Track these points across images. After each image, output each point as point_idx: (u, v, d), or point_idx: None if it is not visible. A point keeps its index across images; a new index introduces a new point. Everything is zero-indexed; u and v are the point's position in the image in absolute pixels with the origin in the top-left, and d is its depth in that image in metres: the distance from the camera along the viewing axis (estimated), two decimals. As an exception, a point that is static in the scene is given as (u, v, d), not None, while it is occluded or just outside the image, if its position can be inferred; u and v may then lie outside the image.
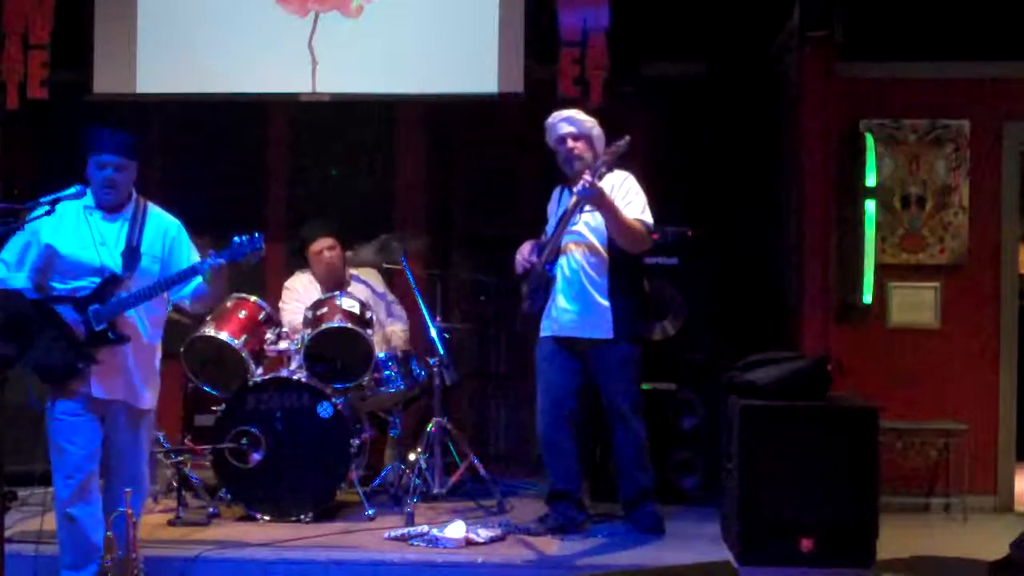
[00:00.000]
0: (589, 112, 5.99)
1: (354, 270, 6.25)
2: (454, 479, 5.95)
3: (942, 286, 6.67)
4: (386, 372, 5.81)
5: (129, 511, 4.06)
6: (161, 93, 6.51)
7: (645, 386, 5.47)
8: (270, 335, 5.66)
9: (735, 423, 5.02)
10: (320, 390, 5.49)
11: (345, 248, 6.19)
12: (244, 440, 5.39)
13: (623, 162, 5.17)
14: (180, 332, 5.65)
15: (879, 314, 6.62)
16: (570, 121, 5.30)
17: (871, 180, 6.36)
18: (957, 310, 6.66)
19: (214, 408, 5.59)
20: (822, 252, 5.94)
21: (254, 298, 5.76)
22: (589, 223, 5.23)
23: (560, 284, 5.27)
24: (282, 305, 6.10)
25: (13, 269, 4.40)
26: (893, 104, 6.68)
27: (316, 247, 6.14)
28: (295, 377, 5.53)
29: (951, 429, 6.51)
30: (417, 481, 5.67)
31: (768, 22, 6.36)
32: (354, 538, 5.16)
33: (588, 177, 4.97)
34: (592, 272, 5.22)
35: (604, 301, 5.20)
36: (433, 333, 5.81)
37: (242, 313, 5.66)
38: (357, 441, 5.65)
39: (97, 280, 4.38)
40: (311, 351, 5.53)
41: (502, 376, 7.17)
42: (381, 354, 5.78)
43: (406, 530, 5.18)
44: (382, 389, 5.81)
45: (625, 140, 5.01)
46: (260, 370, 5.62)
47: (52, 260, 4.39)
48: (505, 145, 7.04)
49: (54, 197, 4.26)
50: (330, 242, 6.13)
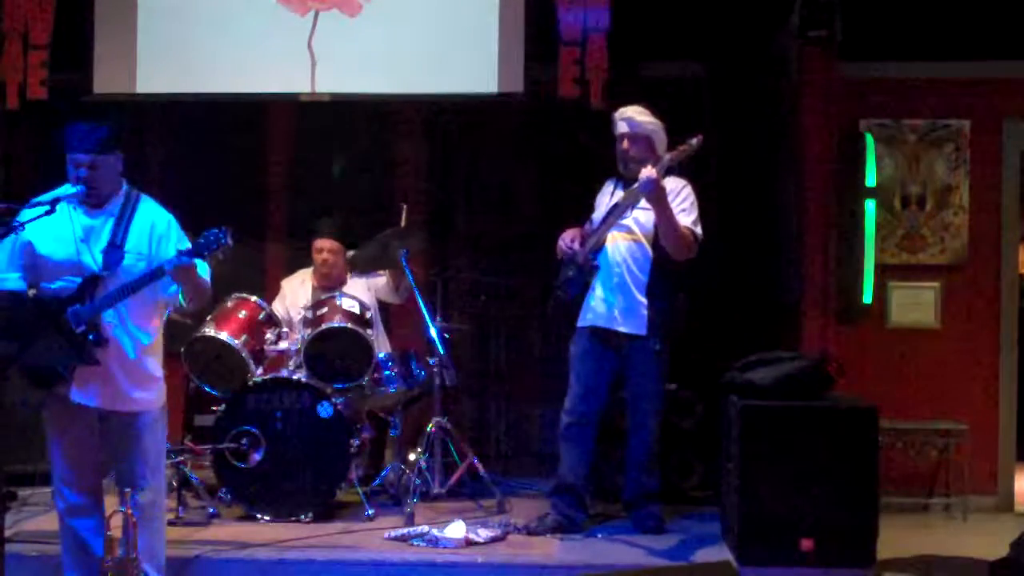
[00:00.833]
0: (589, 112, 6.01)
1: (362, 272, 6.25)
2: (454, 479, 5.95)
3: (942, 286, 6.68)
4: (386, 372, 5.81)
5: (129, 511, 4.04)
6: (161, 93, 6.50)
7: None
8: (270, 335, 5.66)
9: (735, 423, 5.02)
10: (320, 390, 5.49)
11: (345, 248, 6.19)
12: (244, 440, 5.39)
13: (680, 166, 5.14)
14: (180, 332, 5.65)
15: (879, 314, 6.62)
16: (629, 122, 5.30)
17: (871, 180, 6.36)
18: (957, 310, 6.67)
19: (214, 408, 5.59)
20: (822, 252, 5.94)
21: (254, 298, 5.76)
22: (639, 219, 5.25)
23: (602, 275, 5.28)
24: (274, 305, 6.10)
25: (4, 270, 4.27)
26: (893, 104, 6.69)
27: (317, 245, 6.17)
28: (295, 377, 5.53)
29: (951, 429, 6.51)
30: (417, 481, 5.66)
31: (768, 22, 6.35)
32: (354, 538, 5.16)
33: (652, 174, 4.96)
34: (635, 268, 5.24)
35: (642, 297, 5.22)
36: (433, 333, 5.81)
37: (242, 313, 5.66)
38: (357, 441, 5.65)
39: (78, 280, 4.21)
40: (311, 351, 5.53)
41: (502, 376, 7.16)
42: (381, 354, 5.79)
43: (406, 530, 5.18)
44: (382, 389, 5.81)
45: (697, 139, 4.97)
46: (260, 370, 5.62)
47: (34, 259, 4.24)
48: (505, 145, 7.04)
49: (54, 197, 4.21)
50: (330, 244, 6.14)
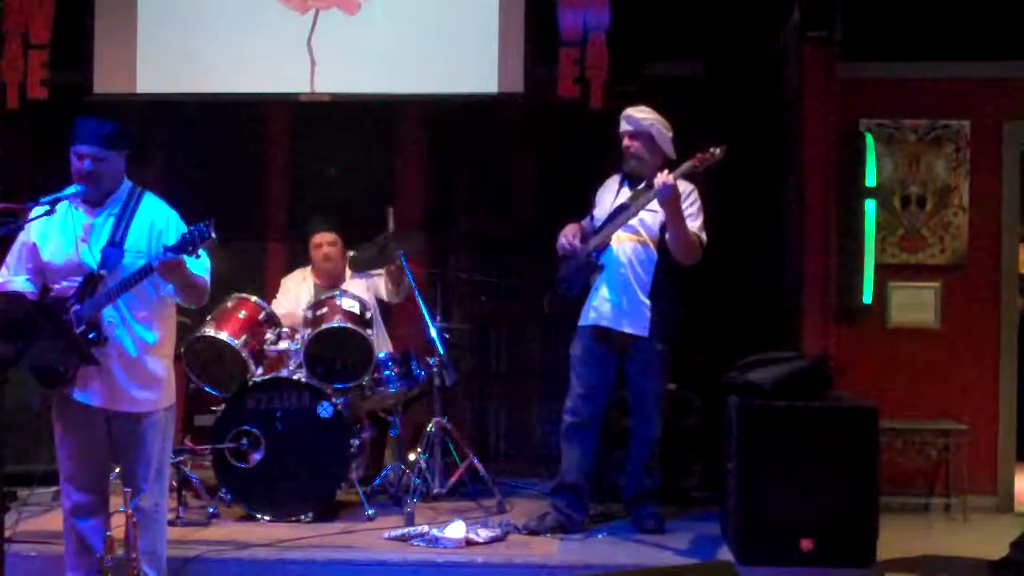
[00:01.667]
0: (590, 112, 6.01)
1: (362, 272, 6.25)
2: (454, 479, 5.96)
3: (942, 286, 6.68)
4: (386, 372, 5.81)
5: (130, 511, 4.04)
6: (161, 93, 6.50)
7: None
8: (270, 335, 5.65)
9: (735, 423, 5.03)
10: (320, 390, 5.49)
11: (345, 247, 6.19)
12: (244, 440, 5.39)
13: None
14: (180, 332, 5.64)
15: (879, 314, 6.63)
16: (628, 120, 5.31)
17: (871, 180, 6.36)
18: (957, 310, 6.67)
19: (214, 408, 5.59)
20: (822, 252, 5.94)
21: (254, 298, 5.75)
22: (645, 221, 5.24)
23: (606, 275, 5.27)
24: (274, 303, 6.10)
25: (11, 272, 4.31)
26: (893, 104, 6.69)
27: (316, 240, 6.18)
28: (295, 377, 5.53)
29: (951, 429, 6.51)
30: (417, 481, 5.67)
31: (768, 22, 6.35)
32: (354, 538, 5.16)
33: (670, 180, 4.94)
34: (639, 269, 5.24)
35: (645, 299, 5.22)
36: (433, 333, 5.81)
37: (242, 313, 5.65)
38: (357, 441, 5.65)
39: (79, 279, 4.21)
40: (311, 351, 5.53)
41: (502, 376, 7.17)
42: (381, 354, 5.79)
43: (406, 530, 5.18)
44: (382, 389, 5.81)
45: (721, 149, 4.91)
46: (260, 370, 5.62)
47: (39, 262, 4.26)
48: (505, 145, 7.04)
49: (54, 197, 4.21)
50: (331, 237, 6.16)
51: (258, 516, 5.40)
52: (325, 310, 5.66)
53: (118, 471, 4.45)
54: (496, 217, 7.08)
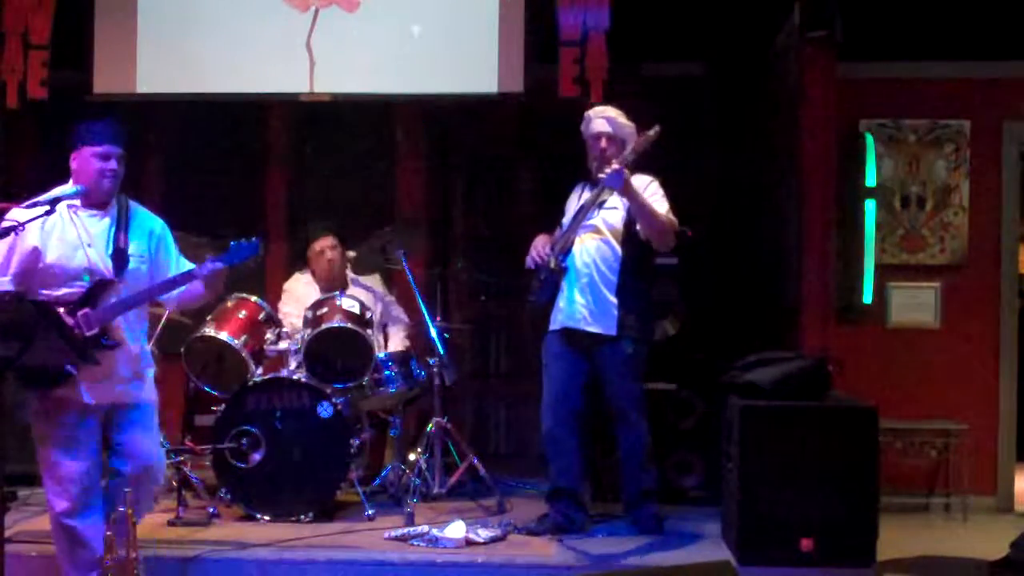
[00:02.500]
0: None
1: (353, 275, 6.25)
2: (454, 479, 5.96)
3: (942, 286, 6.68)
4: (386, 372, 5.81)
5: (130, 511, 4.05)
6: (161, 93, 6.49)
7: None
8: (270, 335, 5.65)
9: (735, 423, 5.02)
10: (320, 390, 5.49)
11: (346, 249, 6.19)
12: (244, 440, 5.39)
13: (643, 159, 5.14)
14: (180, 332, 5.65)
15: (879, 314, 6.63)
16: (610, 121, 5.27)
17: (871, 180, 6.36)
18: (957, 310, 6.67)
19: (214, 408, 5.58)
20: (822, 252, 5.94)
21: (254, 298, 5.75)
22: (607, 219, 5.23)
23: (571, 276, 5.25)
24: (280, 307, 6.10)
25: (1, 273, 4.27)
26: (893, 104, 6.69)
27: (318, 246, 6.17)
28: (295, 377, 5.53)
29: (951, 429, 6.51)
30: (417, 481, 5.67)
31: (768, 22, 6.35)
32: (354, 538, 5.16)
33: (617, 165, 4.94)
34: (604, 268, 5.21)
35: (612, 297, 5.19)
36: (433, 333, 5.81)
37: (242, 313, 5.66)
38: (357, 441, 5.65)
39: (85, 283, 4.24)
40: (311, 351, 5.53)
41: (502, 376, 7.17)
42: (381, 354, 5.79)
43: (406, 530, 5.18)
44: (382, 389, 5.81)
45: (655, 130, 4.94)
46: (260, 370, 5.62)
47: (38, 264, 4.24)
48: (505, 145, 7.04)
49: (53, 197, 4.22)
50: (331, 242, 6.16)
51: (258, 516, 5.40)
52: (325, 310, 5.66)
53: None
54: (496, 217, 7.08)
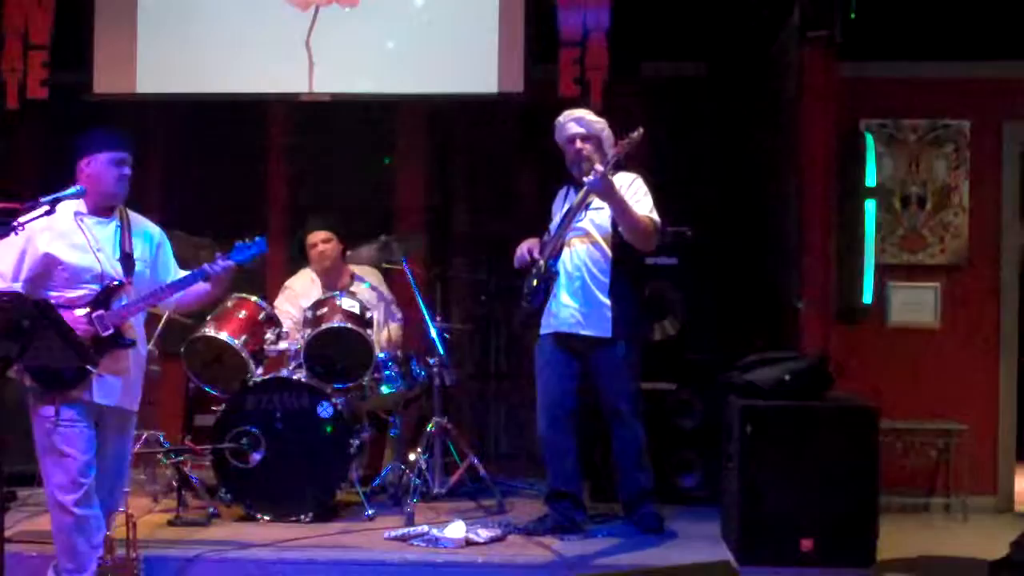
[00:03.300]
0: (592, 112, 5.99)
1: (354, 268, 6.26)
2: (454, 479, 5.95)
3: (942, 286, 6.68)
4: (386, 372, 5.81)
5: (130, 511, 4.06)
6: (161, 93, 6.50)
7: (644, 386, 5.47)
8: (270, 335, 5.65)
9: (735, 423, 5.02)
10: (320, 390, 5.49)
11: (345, 245, 6.18)
12: (244, 440, 5.39)
13: (627, 160, 5.15)
14: (180, 332, 5.66)
15: (879, 314, 6.63)
16: (580, 122, 5.28)
17: (871, 180, 6.36)
18: (957, 310, 6.67)
19: (214, 408, 5.58)
20: (822, 252, 5.94)
21: (254, 298, 5.75)
22: (594, 220, 5.22)
23: (562, 280, 5.25)
24: (278, 303, 6.10)
25: (9, 279, 4.31)
26: (893, 104, 6.69)
27: (311, 239, 6.16)
28: (295, 377, 5.53)
29: (951, 429, 6.52)
30: (417, 481, 5.66)
31: (768, 22, 6.35)
32: (354, 538, 5.16)
33: (599, 167, 4.95)
34: (595, 270, 5.21)
35: (605, 299, 5.18)
36: (433, 333, 5.81)
37: (242, 313, 5.66)
38: (357, 441, 5.65)
39: (97, 286, 4.33)
40: (311, 351, 5.53)
41: (502, 376, 7.17)
42: (381, 354, 5.78)
43: (406, 530, 5.18)
44: (382, 389, 5.81)
45: (638, 132, 4.93)
46: (260, 370, 5.62)
47: (51, 269, 4.31)
48: (505, 145, 7.04)
49: (54, 197, 4.23)
50: (325, 235, 6.14)
51: (258, 516, 5.40)
52: (325, 310, 5.66)
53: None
54: (496, 217, 7.08)
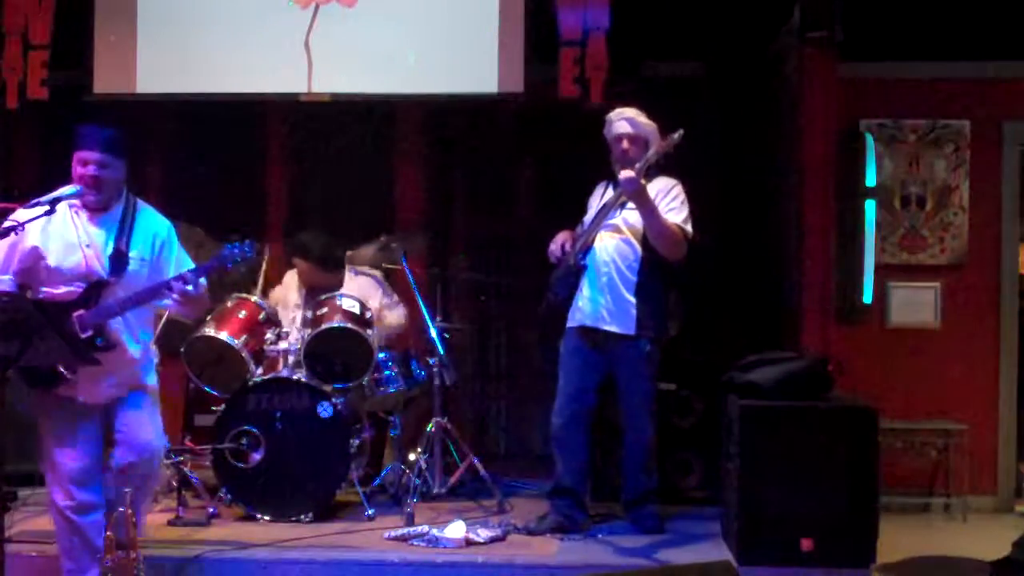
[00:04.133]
0: (588, 112, 6.00)
1: (355, 268, 6.25)
2: (454, 479, 5.95)
3: (942, 286, 6.68)
4: (386, 372, 5.81)
5: (130, 511, 4.05)
6: (161, 93, 6.50)
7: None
8: (270, 335, 5.65)
9: (735, 423, 5.02)
10: (320, 390, 5.49)
11: (330, 273, 6.10)
12: (244, 440, 5.39)
13: (666, 160, 5.15)
14: (180, 332, 5.65)
15: (879, 314, 6.62)
16: (630, 122, 5.28)
17: (871, 180, 6.36)
18: (957, 310, 6.67)
19: (214, 408, 5.58)
20: (822, 252, 5.94)
21: (254, 298, 5.76)
22: (628, 219, 5.23)
23: (590, 274, 5.26)
24: (271, 293, 6.11)
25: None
26: (893, 104, 6.69)
27: (294, 262, 6.14)
28: (295, 377, 5.53)
29: (951, 429, 6.51)
30: (417, 481, 5.67)
31: (768, 22, 6.35)
32: (354, 538, 5.16)
33: (631, 172, 4.96)
34: (623, 266, 5.22)
35: (631, 297, 5.20)
36: (433, 333, 5.81)
37: (242, 313, 5.66)
38: (357, 441, 5.65)
39: (83, 285, 4.27)
40: (311, 351, 5.53)
41: (502, 376, 7.17)
42: (381, 354, 5.78)
43: (406, 530, 5.18)
44: (382, 389, 5.82)
45: (678, 134, 4.95)
46: (260, 370, 5.62)
47: (37, 263, 4.27)
48: (505, 145, 7.04)
49: (54, 197, 4.23)
50: (303, 267, 6.07)
51: (258, 516, 5.40)
52: (325, 310, 5.66)
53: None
54: (496, 217, 7.08)
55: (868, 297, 6.34)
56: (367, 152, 7.11)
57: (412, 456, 6.00)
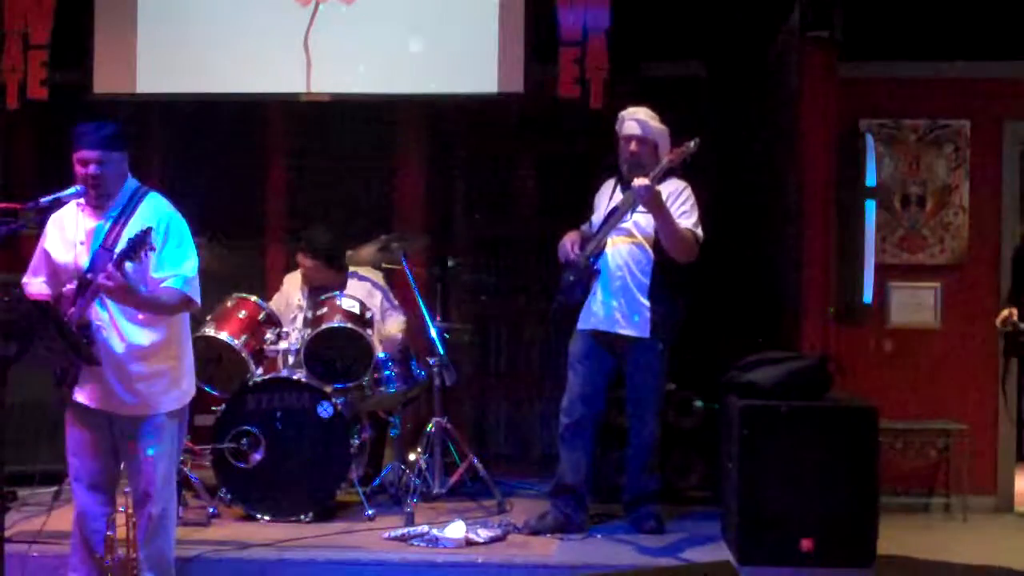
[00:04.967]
0: (590, 112, 6.01)
1: (354, 269, 6.25)
2: (454, 479, 5.95)
3: (942, 286, 6.68)
4: (386, 372, 5.81)
5: (129, 511, 4.04)
6: (161, 93, 6.50)
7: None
8: (270, 335, 5.65)
9: (735, 423, 5.02)
10: (320, 390, 5.49)
11: (334, 270, 6.10)
12: (244, 440, 5.39)
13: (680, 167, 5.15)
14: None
15: (879, 314, 6.62)
16: (640, 123, 5.27)
17: (871, 180, 6.35)
18: (957, 310, 6.67)
19: (214, 408, 5.58)
20: (822, 252, 5.94)
21: (254, 298, 5.76)
22: (639, 222, 5.23)
23: (603, 279, 5.26)
24: (274, 297, 6.11)
25: (30, 275, 4.34)
26: (893, 104, 6.69)
27: (299, 259, 6.13)
28: (295, 377, 5.53)
29: (951, 429, 6.51)
30: (417, 481, 5.67)
31: (768, 22, 6.35)
32: (354, 538, 5.16)
33: (645, 181, 4.96)
34: (636, 270, 5.22)
35: (645, 300, 5.20)
36: (433, 333, 5.81)
37: (242, 313, 5.66)
38: (357, 441, 5.65)
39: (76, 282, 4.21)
40: (311, 351, 5.53)
41: (502, 376, 7.17)
42: (381, 354, 5.78)
43: (406, 530, 5.18)
44: (382, 389, 5.81)
45: (694, 142, 4.96)
46: (260, 370, 5.62)
47: (52, 264, 4.29)
48: (505, 145, 7.03)
49: (54, 197, 4.23)
50: (309, 263, 6.02)
51: (258, 516, 5.40)
52: (325, 310, 5.66)
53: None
54: (496, 217, 7.08)
55: (868, 297, 6.33)
56: (367, 152, 7.11)
57: (412, 456, 6.00)
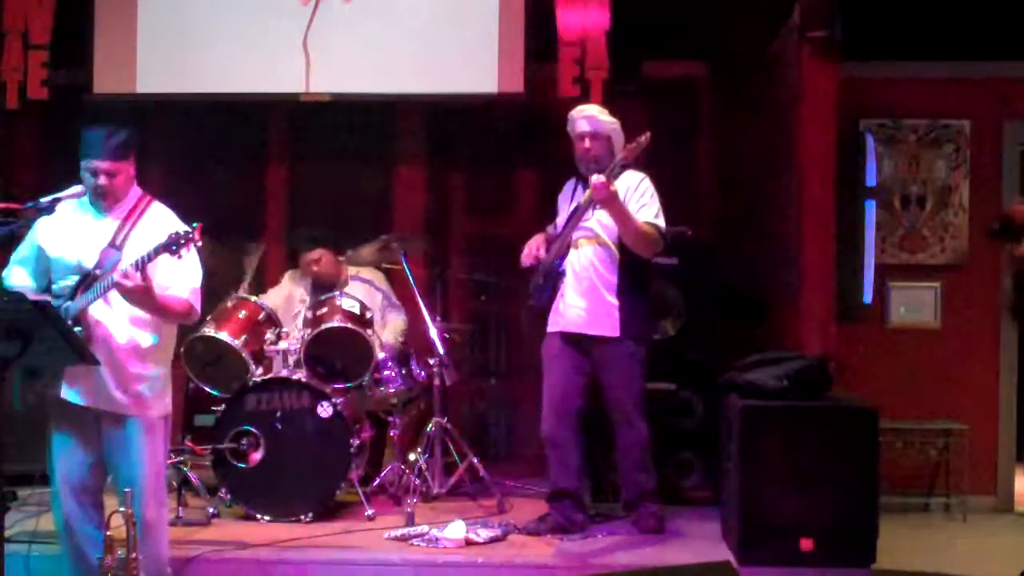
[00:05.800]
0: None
1: (354, 270, 6.25)
2: (454, 479, 5.95)
3: (942, 286, 6.68)
4: (386, 372, 5.81)
5: (129, 511, 4.04)
6: (161, 93, 6.50)
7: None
8: (270, 335, 5.65)
9: (735, 423, 5.02)
10: (320, 390, 5.49)
11: (337, 250, 6.15)
12: (244, 440, 5.39)
13: (635, 162, 5.14)
14: (180, 332, 5.64)
15: (879, 314, 6.62)
16: (589, 120, 5.26)
17: (871, 180, 6.36)
18: (957, 310, 6.67)
19: (214, 408, 5.58)
20: (822, 252, 5.94)
21: (254, 298, 5.76)
22: (602, 220, 5.20)
23: (569, 280, 5.24)
24: (267, 293, 6.13)
25: (15, 265, 4.33)
26: (893, 104, 6.69)
27: (305, 260, 6.16)
28: (295, 377, 5.53)
29: (951, 429, 6.52)
30: (417, 481, 5.67)
31: (768, 22, 6.36)
32: (354, 538, 5.16)
33: (602, 178, 4.95)
34: (602, 269, 5.20)
35: (612, 299, 5.17)
36: (433, 333, 5.81)
37: (242, 313, 5.66)
38: (357, 441, 5.65)
39: (77, 277, 4.21)
40: (311, 351, 5.53)
41: (502, 376, 7.17)
42: (381, 354, 5.78)
43: (406, 530, 5.18)
44: (382, 389, 5.82)
45: (645, 136, 4.93)
46: (260, 370, 5.62)
47: (47, 263, 4.27)
48: (505, 145, 7.03)
49: (54, 197, 4.22)
50: (317, 255, 6.10)
51: (258, 516, 5.40)
52: (325, 310, 5.66)
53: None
54: (496, 217, 7.08)
55: (868, 297, 6.34)
56: (367, 152, 7.11)
57: (412, 456, 6.00)
